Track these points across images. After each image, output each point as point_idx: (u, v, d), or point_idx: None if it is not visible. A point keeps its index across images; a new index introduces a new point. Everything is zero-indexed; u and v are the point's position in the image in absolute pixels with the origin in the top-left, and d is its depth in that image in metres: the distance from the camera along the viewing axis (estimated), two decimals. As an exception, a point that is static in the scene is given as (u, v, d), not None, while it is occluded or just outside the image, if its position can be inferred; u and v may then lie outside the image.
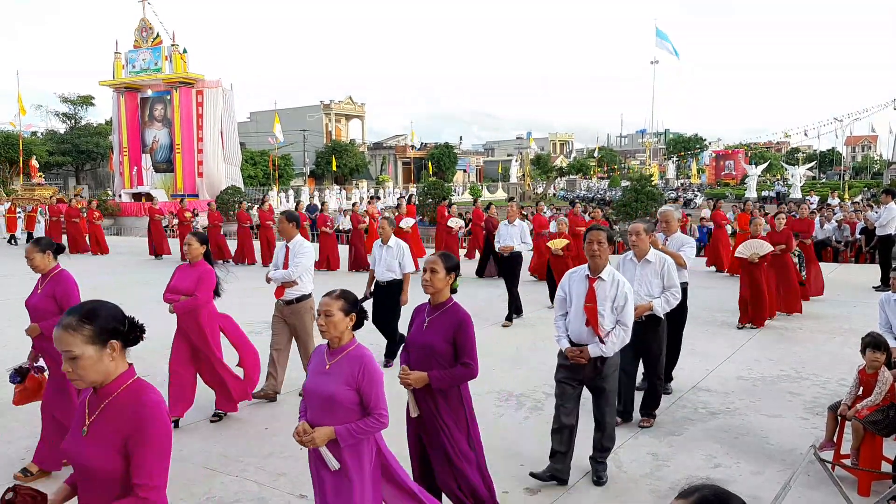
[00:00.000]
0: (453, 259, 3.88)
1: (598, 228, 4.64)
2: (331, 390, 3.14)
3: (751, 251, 9.21)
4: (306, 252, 6.47)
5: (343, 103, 76.64)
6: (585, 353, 4.45)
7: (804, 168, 50.75)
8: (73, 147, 51.78)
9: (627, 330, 4.51)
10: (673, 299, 5.49)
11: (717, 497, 1.60)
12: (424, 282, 3.79)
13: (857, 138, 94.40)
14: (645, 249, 5.54)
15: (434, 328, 3.77)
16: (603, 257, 4.54)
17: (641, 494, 4.56)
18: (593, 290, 4.50)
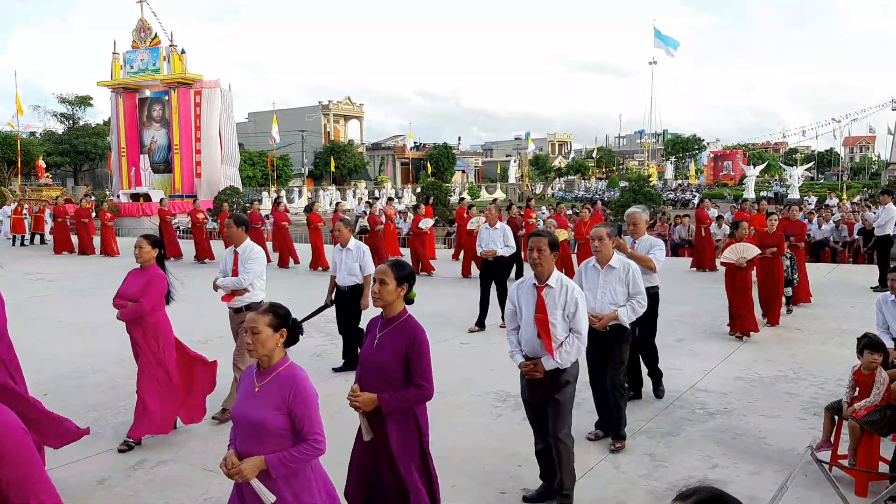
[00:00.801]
0: (406, 268, 3.56)
1: (539, 234, 4.34)
2: (260, 416, 2.86)
3: (737, 255, 8.64)
4: (256, 257, 6.13)
5: (341, 104, 76.71)
6: (540, 366, 4.20)
7: (802, 169, 50.72)
8: (71, 148, 51.75)
9: (582, 337, 4.24)
10: (639, 307, 5.19)
11: (715, 499, 1.60)
12: (374, 294, 3.50)
13: (856, 139, 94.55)
14: (608, 255, 5.23)
15: (385, 345, 3.47)
16: (545, 265, 4.24)
17: (639, 495, 4.56)
18: (542, 299, 4.24)
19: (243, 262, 6.06)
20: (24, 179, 42.70)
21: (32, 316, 10.56)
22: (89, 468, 5.06)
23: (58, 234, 21.04)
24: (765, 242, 9.42)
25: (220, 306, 6.39)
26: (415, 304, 3.66)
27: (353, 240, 7.54)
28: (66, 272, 15.63)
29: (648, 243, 6.24)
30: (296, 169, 64.80)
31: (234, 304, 6.14)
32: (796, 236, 11.19)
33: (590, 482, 4.74)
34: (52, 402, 6.43)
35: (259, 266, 6.11)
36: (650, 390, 6.66)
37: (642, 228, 6.31)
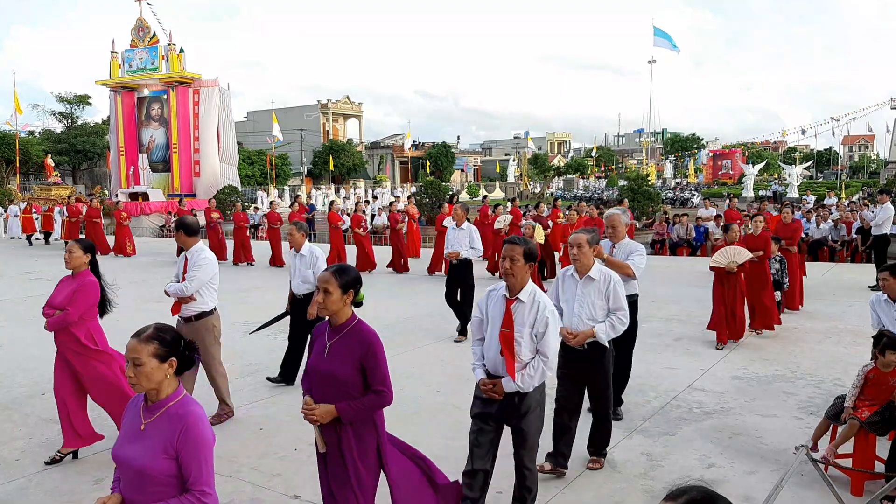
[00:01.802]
0: (350, 273, 3.36)
1: (514, 242, 3.91)
2: (141, 462, 2.46)
3: (728, 260, 8.19)
4: (203, 263, 5.70)
5: (340, 103, 76.69)
6: (499, 387, 3.80)
7: (801, 167, 50.73)
8: (69, 146, 51.74)
9: (548, 362, 3.81)
10: (619, 324, 4.70)
11: (705, 499, 1.60)
12: (318, 304, 3.30)
13: (855, 138, 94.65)
14: (587, 264, 4.76)
15: (336, 354, 3.27)
16: (517, 276, 3.84)
17: (635, 494, 4.56)
18: (510, 314, 3.83)
19: (189, 268, 5.70)
20: (22, 178, 42.68)
21: (30, 315, 10.54)
22: (86, 468, 5.07)
23: (70, 234, 20.86)
24: (750, 245, 8.91)
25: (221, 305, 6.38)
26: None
27: (306, 244, 7.10)
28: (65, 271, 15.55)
29: (628, 248, 5.82)
30: (294, 168, 64.78)
31: (184, 314, 5.78)
32: (788, 239, 10.62)
33: (586, 482, 4.74)
34: (50, 401, 6.42)
35: (205, 273, 5.70)
36: (646, 392, 6.67)
37: (622, 232, 5.89)
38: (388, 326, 9.35)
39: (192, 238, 5.82)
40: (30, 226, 23.85)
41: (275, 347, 8.59)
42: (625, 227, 5.89)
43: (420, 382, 7.00)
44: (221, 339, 6.19)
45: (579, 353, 4.69)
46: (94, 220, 20.53)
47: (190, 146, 33.40)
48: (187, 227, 5.83)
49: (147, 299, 11.50)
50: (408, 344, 8.55)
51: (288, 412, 6.12)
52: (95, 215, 20.68)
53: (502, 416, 3.87)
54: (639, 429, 5.71)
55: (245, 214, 18.94)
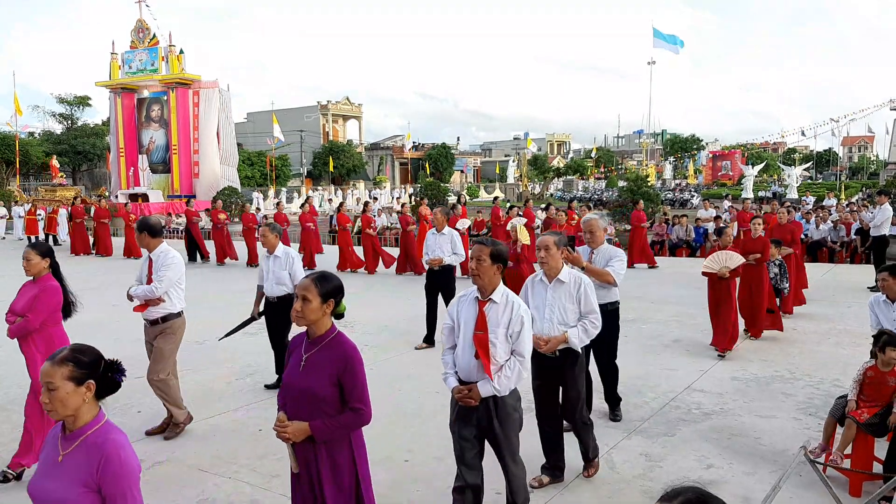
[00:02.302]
0: (332, 281, 3.19)
1: (481, 242, 3.82)
2: (59, 497, 2.26)
3: (720, 265, 7.85)
4: (171, 264, 5.58)
5: (340, 104, 76.72)
6: (475, 392, 3.69)
7: (801, 168, 50.81)
8: (69, 148, 51.77)
9: (524, 361, 3.74)
10: (592, 328, 4.55)
11: (700, 500, 1.60)
12: (295, 312, 3.13)
13: (854, 139, 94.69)
14: (556, 267, 4.58)
15: (313, 368, 3.10)
16: (484, 277, 3.74)
17: (634, 495, 4.56)
18: (483, 315, 3.73)
19: (157, 270, 5.55)
20: (22, 180, 42.69)
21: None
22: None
23: (76, 236, 20.75)
24: (748, 248, 8.71)
25: (219, 307, 6.39)
26: None
27: (281, 246, 6.92)
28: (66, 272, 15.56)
29: (607, 254, 5.63)
30: (294, 169, 64.80)
31: (149, 316, 5.62)
32: (787, 242, 10.29)
33: (584, 482, 4.75)
34: (49, 402, 6.43)
35: (174, 273, 5.58)
36: (645, 393, 6.67)
37: (600, 237, 5.71)
38: (388, 327, 9.37)
39: (157, 239, 5.67)
40: (34, 227, 23.70)
41: (274, 348, 8.59)
42: (603, 233, 5.75)
43: (420, 383, 7.01)
44: (220, 339, 6.19)
45: (551, 361, 4.55)
46: (103, 221, 20.32)
47: (190, 147, 33.43)
48: (151, 229, 5.67)
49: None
50: (409, 344, 8.55)
51: (287, 413, 6.12)
52: (104, 216, 20.47)
53: (480, 423, 3.78)
54: (637, 430, 5.71)
55: (254, 216, 18.81)
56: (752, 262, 8.50)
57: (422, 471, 4.93)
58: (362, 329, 9.43)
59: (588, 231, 5.70)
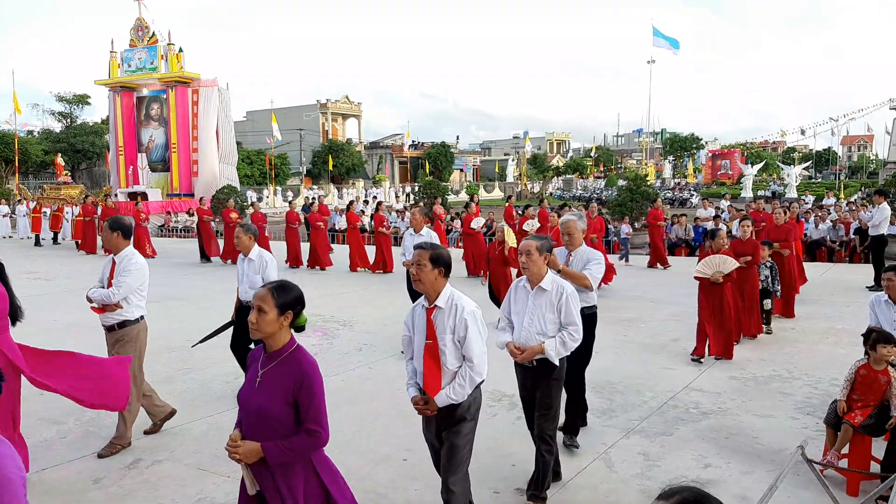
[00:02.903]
0: (291, 291, 3.00)
1: (421, 247, 3.68)
2: None
3: (713, 270, 7.61)
4: (134, 269, 5.31)
5: (340, 102, 76.67)
6: (432, 403, 3.62)
7: (800, 167, 50.86)
8: (68, 146, 51.69)
9: (475, 366, 3.61)
10: (571, 340, 4.32)
11: (697, 499, 1.61)
12: (250, 324, 2.94)
13: (853, 138, 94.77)
14: (538, 273, 4.38)
15: (269, 384, 2.92)
16: (425, 282, 3.62)
17: (632, 494, 4.58)
18: (431, 323, 3.65)
19: (118, 274, 5.28)
20: (21, 178, 42.67)
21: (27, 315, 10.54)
22: (84, 468, 5.08)
23: (85, 235, 20.57)
24: (738, 250, 8.53)
25: (219, 307, 6.38)
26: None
27: (255, 248, 6.64)
28: (65, 271, 15.70)
29: (585, 257, 5.40)
30: (294, 168, 64.79)
31: (106, 321, 5.36)
32: (781, 242, 10.06)
33: (582, 482, 4.76)
34: (49, 401, 6.45)
35: (136, 279, 5.31)
36: (643, 392, 6.68)
37: (578, 239, 5.48)
38: (388, 326, 9.40)
39: (126, 241, 5.42)
40: (38, 225, 23.52)
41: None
42: (581, 234, 5.52)
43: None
44: (220, 339, 6.15)
45: (529, 370, 4.42)
46: None
47: (189, 146, 33.40)
48: (126, 230, 5.44)
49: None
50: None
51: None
52: (112, 215, 20.45)
53: (439, 427, 3.72)
54: (636, 429, 5.73)
55: (263, 215, 18.64)
56: (743, 265, 8.38)
57: (421, 469, 4.94)
58: (362, 328, 9.45)
59: (566, 233, 5.48)
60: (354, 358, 7.97)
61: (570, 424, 5.41)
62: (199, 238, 18.66)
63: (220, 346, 8.31)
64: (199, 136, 33.34)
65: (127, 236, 5.43)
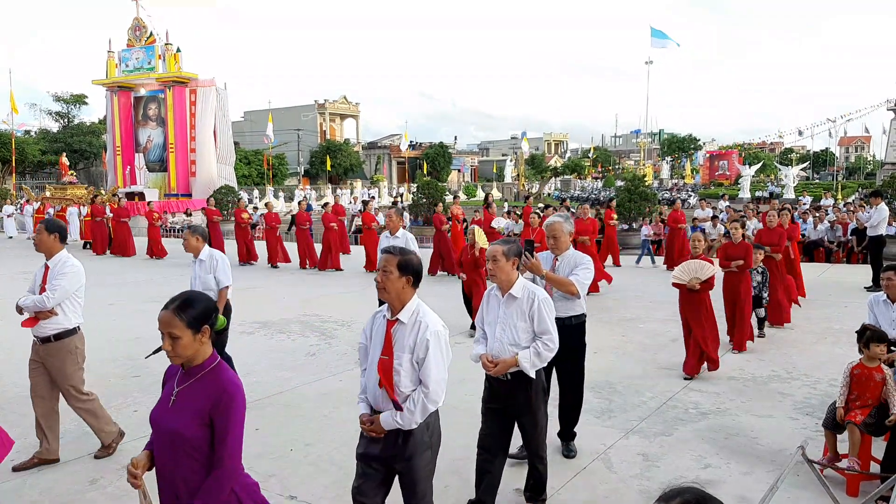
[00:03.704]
0: (199, 303, 2.67)
1: (388, 251, 3.37)
2: None
3: (689, 276, 7.06)
4: (69, 271, 4.93)
5: (338, 103, 76.62)
6: (377, 424, 3.27)
7: (798, 168, 50.94)
8: (65, 146, 51.64)
9: (429, 394, 3.23)
10: (545, 350, 4.01)
11: (699, 501, 1.60)
12: (167, 353, 2.65)
13: (851, 139, 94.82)
14: (507, 280, 4.09)
15: (183, 404, 2.61)
16: (391, 291, 3.28)
17: (631, 495, 4.56)
18: (390, 337, 3.29)
19: (52, 278, 4.92)
20: (18, 178, 42.60)
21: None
22: (81, 468, 5.05)
23: (97, 235, 20.33)
24: (729, 254, 8.21)
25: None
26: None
27: (206, 248, 6.48)
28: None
29: (572, 261, 5.04)
30: (291, 168, 64.75)
31: (39, 332, 4.97)
32: (774, 246, 9.57)
33: (582, 482, 4.74)
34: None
35: (72, 283, 4.94)
36: (643, 392, 6.66)
37: (565, 242, 5.10)
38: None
39: (62, 245, 5.07)
40: None
41: (270, 348, 8.59)
42: (568, 237, 5.15)
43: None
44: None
45: (502, 385, 4.11)
46: (122, 220, 19.94)
47: (186, 146, 33.40)
48: (63, 232, 5.09)
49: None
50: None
51: (284, 412, 6.12)
52: (123, 215, 20.08)
53: (386, 457, 3.32)
54: (635, 429, 5.71)
55: (277, 215, 18.37)
56: (735, 270, 8.12)
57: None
58: (361, 328, 9.42)
59: (551, 236, 5.12)
60: (353, 358, 7.94)
61: (566, 431, 5.24)
62: None
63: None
64: (197, 137, 33.34)
65: (63, 239, 5.08)
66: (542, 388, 4.20)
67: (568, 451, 5.18)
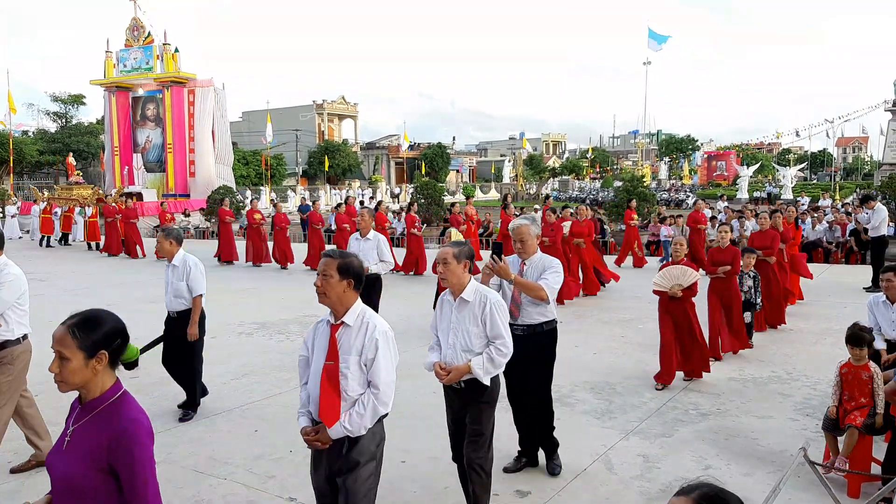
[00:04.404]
0: (102, 325, 2.29)
1: (328, 255, 3.23)
2: None
3: (671, 282, 6.79)
4: (8, 281, 4.68)
5: (336, 103, 76.61)
6: (323, 434, 3.09)
7: (795, 169, 50.98)
8: (63, 146, 51.54)
9: (380, 395, 3.10)
10: (498, 356, 3.85)
11: (717, 495, 1.63)
12: (55, 377, 2.26)
13: (848, 139, 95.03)
14: (458, 284, 3.93)
15: (77, 445, 2.22)
16: (331, 295, 3.16)
17: (632, 496, 4.55)
18: (335, 342, 3.15)
19: None
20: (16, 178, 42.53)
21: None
22: (79, 470, 5.02)
23: (110, 236, 20.05)
24: (716, 259, 7.92)
25: (213, 307, 6.32)
26: None
27: (180, 253, 6.06)
28: (57, 271, 15.62)
29: (541, 265, 4.80)
30: (290, 168, 64.71)
31: None
32: (766, 249, 9.15)
33: (582, 483, 4.73)
34: (44, 402, 6.38)
35: (11, 293, 4.67)
36: (643, 393, 6.65)
37: (532, 245, 4.87)
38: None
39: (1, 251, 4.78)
40: (49, 226, 22.91)
41: (269, 349, 8.56)
42: (535, 240, 4.92)
43: (416, 383, 6.97)
44: (216, 340, 6.06)
45: (457, 393, 3.99)
46: (132, 221, 19.69)
47: (185, 146, 33.36)
48: (2, 238, 4.79)
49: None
50: (405, 344, 8.52)
51: (282, 413, 6.10)
52: (132, 216, 19.85)
53: (331, 469, 3.15)
54: (635, 430, 5.70)
55: (285, 216, 18.24)
56: (722, 276, 7.85)
57: (418, 471, 4.92)
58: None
59: (517, 240, 4.88)
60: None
61: (546, 444, 4.96)
62: (220, 241, 18.05)
63: (217, 346, 8.28)
64: (195, 137, 33.30)
65: (2, 245, 4.74)
66: (495, 398, 4.01)
67: (553, 466, 4.89)
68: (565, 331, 9.56)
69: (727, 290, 7.92)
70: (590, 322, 9.99)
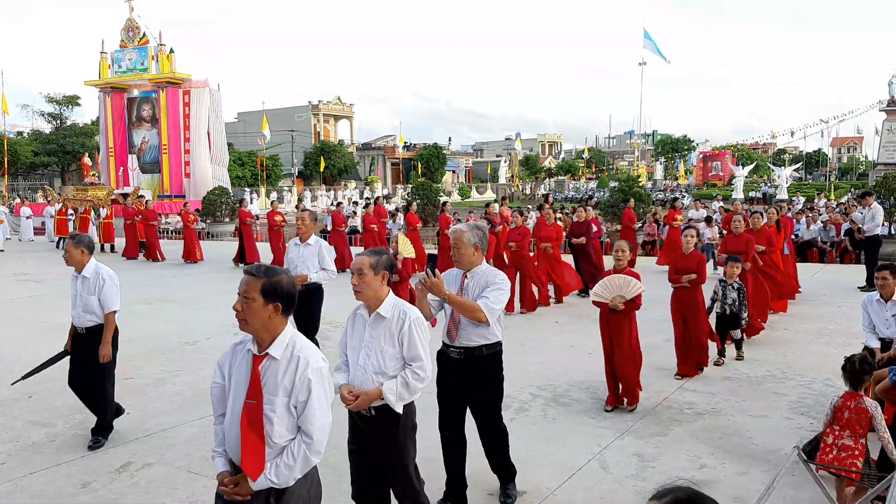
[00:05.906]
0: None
1: (250, 273, 2.72)
2: None
3: (612, 293, 5.98)
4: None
5: (332, 104, 76.65)
6: (244, 485, 2.64)
7: (790, 169, 51.15)
8: (58, 147, 51.52)
9: (313, 445, 2.65)
10: (415, 380, 3.40)
11: (691, 498, 1.60)
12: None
13: (843, 139, 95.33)
14: (374, 297, 3.45)
15: None
16: (253, 322, 2.66)
17: (627, 495, 4.56)
18: (257, 376, 2.66)
19: None
20: (10, 179, 42.42)
21: (18, 317, 10.47)
22: (74, 471, 5.02)
23: (129, 238, 19.40)
24: (679, 267, 7.11)
25: (209, 307, 6.30)
26: None
27: (92, 263, 5.38)
28: (55, 272, 15.53)
29: (483, 279, 4.18)
30: (285, 169, 64.68)
31: None
32: (741, 254, 8.17)
33: (577, 483, 4.74)
34: (37, 403, 6.38)
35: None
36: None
37: (467, 255, 4.21)
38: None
39: None
40: (64, 228, 22.18)
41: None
42: (472, 250, 4.19)
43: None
44: (216, 340, 6.04)
45: (366, 421, 3.46)
46: (151, 223, 19.07)
47: (180, 147, 33.33)
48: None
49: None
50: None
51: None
52: (152, 218, 19.25)
53: None
54: (630, 429, 5.71)
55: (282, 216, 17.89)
56: (686, 285, 7.06)
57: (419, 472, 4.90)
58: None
59: (454, 247, 4.23)
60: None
61: (501, 473, 4.47)
62: (239, 241, 17.44)
63: (215, 347, 8.27)
64: (191, 138, 33.26)
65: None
66: (411, 425, 3.55)
67: (506, 497, 4.41)
68: (561, 331, 9.61)
69: (692, 300, 7.10)
70: (586, 322, 9.99)
